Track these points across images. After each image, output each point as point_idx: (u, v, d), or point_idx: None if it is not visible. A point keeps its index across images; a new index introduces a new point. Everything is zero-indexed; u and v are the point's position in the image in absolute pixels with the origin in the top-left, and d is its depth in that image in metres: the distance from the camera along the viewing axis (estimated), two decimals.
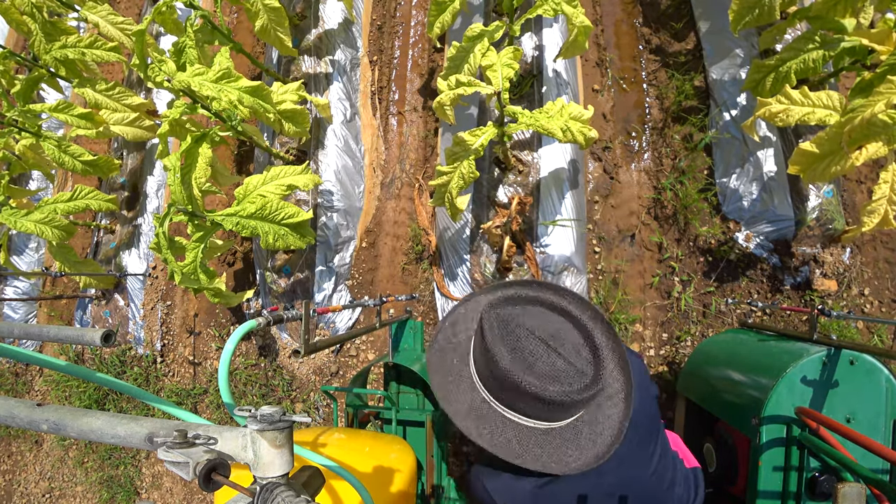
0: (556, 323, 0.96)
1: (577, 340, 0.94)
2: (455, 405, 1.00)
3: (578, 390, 0.88)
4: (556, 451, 0.96)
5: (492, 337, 0.92)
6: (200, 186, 2.01)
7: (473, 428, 0.97)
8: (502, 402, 0.96)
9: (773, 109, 1.81)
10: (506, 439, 0.96)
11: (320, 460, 1.00)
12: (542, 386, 0.87)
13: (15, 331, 0.81)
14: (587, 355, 0.93)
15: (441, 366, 1.07)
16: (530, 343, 0.91)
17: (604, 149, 2.73)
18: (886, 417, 1.34)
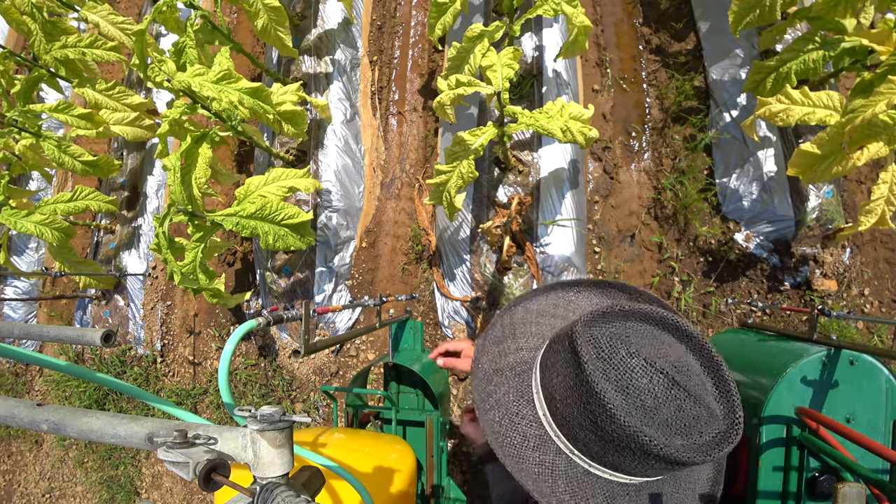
0: (672, 347, 0.72)
1: (698, 369, 0.71)
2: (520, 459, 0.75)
3: (713, 442, 0.65)
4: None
5: (595, 374, 0.67)
6: (200, 186, 2.01)
7: (549, 491, 0.73)
8: (591, 455, 0.72)
9: (773, 109, 1.81)
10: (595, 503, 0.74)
11: (320, 460, 1.00)
12: (667, 441, 0.63)
13: (15, 331, 0.81)
14: (713, 389, 0.69)
15: (492, 404, 0.81)
16: (649, 379, 0.66)
17: (604, 149, 2.73)
18: (886, 417, 1.33)
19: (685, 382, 0.66)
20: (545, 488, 0.73)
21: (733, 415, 0.67)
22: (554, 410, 0.74)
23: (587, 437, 0.70)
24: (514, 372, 0.83)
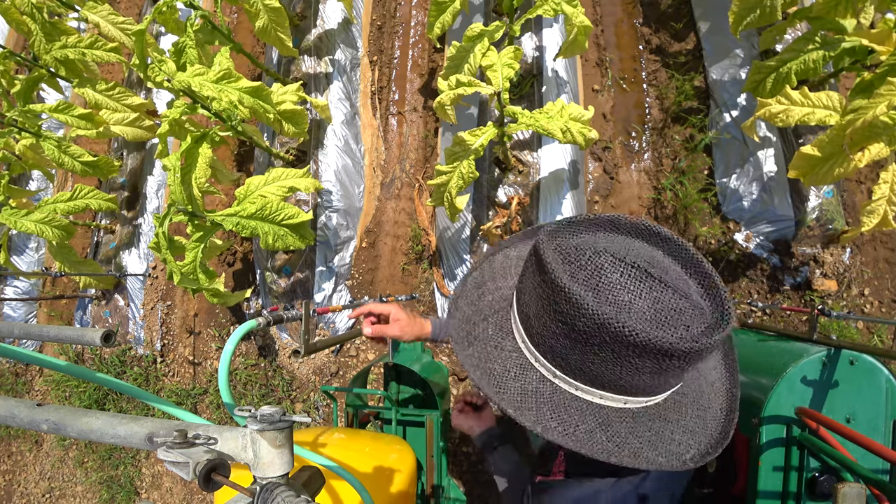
0: (647, 250, 0.66)
1: (679, 269, 0.66)
2: (500, 391, 0.71)
3: (702, 333, 0.59)
4: (659, 438, 0.68)
5: (560, 273, 0.61)
6: (200, 186, 2.01)
7: (533, 418, 0.68)
8: (574, 373, 0.67)
9: (773, 110, 1.81)
10: (586, 430, 0.67)
11: (320, 460, 1.00)
12: (653, 333, 0.57)
13: (15, 331, 0.81)
14: (697, 287, 0.65)
15: (471, 340, 0.78)
16: (620, 274, 0.61)
17: (604, 149, 2.73)
18: (886, 417, 1.33)
19: (661, 275, 0.61)
20: (529, 416, 0.68)
21: (722, 308, 0.63)
22: (531, 333, 0.70)
23: (563, 347, 0.65)
24: (492, 309, 0.81)
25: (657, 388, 0.67)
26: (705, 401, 0.74)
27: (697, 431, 0.71)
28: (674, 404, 0.71)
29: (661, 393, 0.69)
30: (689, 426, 0.71)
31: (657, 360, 0.60)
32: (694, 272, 0.66)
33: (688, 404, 0.72)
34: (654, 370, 0.61)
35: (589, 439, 0.66)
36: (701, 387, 0.75)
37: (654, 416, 0.69)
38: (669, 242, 0.68)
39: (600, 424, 0.67)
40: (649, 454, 0.67)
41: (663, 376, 0.64)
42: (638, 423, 0.69)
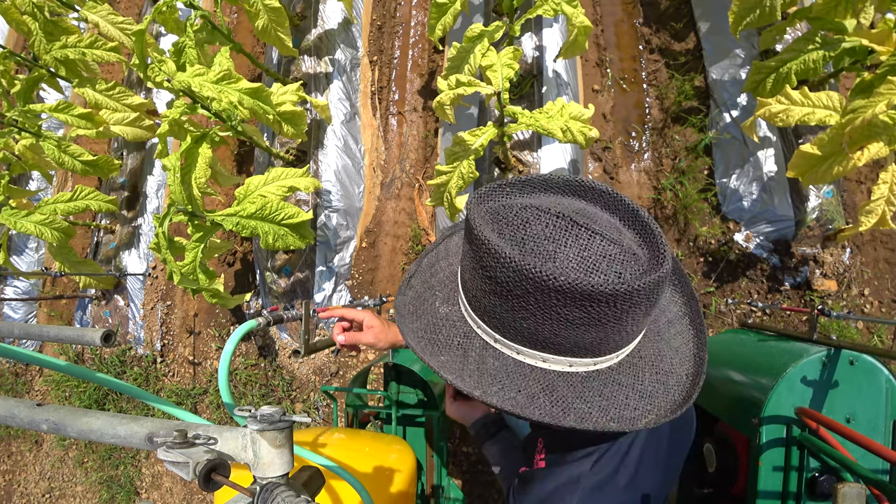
0: (580, 204, 0.65)
1: (614, 221, 0.64)
2: (441, 357, 0.70)
3: (635, 276, 0.57)
4: (610, 403, 0.66)
5: (482, 228, 0.61)
6: (200, 186, 2.01)
7: (474, 384, 0.66)
8: (512, 335, 0.65)
9: (773, 110, 1.81)
10: (528, 395, 0.65)
11: (320, 460, 1.00)
12: (578, 277, 0.55)
13: (15, 331, 0.81)
14: (631, 235, 0.63)
15: (419, 314, 0.77)
16: (545, 225, 0.59)
17: (604, 149, 2.73)
18: (886, 417, 1.34)
19: (589, 223, 0.58)
20: (470, 381, 0.66)
21: (659, 253, 0.59)
22: (469, 298, 0.69)
23: (494, 305, 0.63)
24: (443, 284, 0.80)
25: (600, 346, 0.64)
26: (666, 364, 0.71)
27: (657, 396, 0.68)
28: (629, 367, 0.69)
29: (608, 353, 0.66)
30: (646, 390, 0.68)
31: (584, 307, 0.57)
32: (632, 223, 0.64)
33: (644, 367, 0.69)
34: (585, 320, 0.58)
35: (530, 403, 0.64)
36: (661, 350, 0.72)
37: (606, 381, 0.67)
38: (605, 196, 0.66)
39: (544, 389, 0.65)
40: (598, 418, 0.64)
41: (601, 329, 0.60)
42: (587, 387, 0.66)
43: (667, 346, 0.74)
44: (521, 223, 0.61)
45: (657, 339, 0.74)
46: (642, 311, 0.61)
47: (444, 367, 0.69)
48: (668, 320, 0.78)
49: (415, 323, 0.77)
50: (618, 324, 0.60)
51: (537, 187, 0.69)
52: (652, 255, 0.61)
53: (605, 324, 0.59)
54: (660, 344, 0.73)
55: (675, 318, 0.78)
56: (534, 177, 0.69)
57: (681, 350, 0.75)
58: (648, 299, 0.59)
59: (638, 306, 0.59)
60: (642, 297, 0.57)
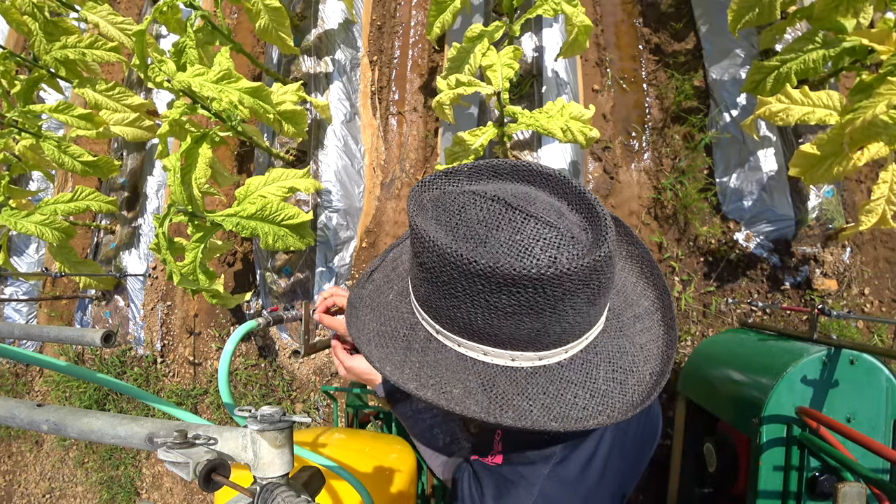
0: (523, 188, 0.62)
1: (560, 204, 0.61)
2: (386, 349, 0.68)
3: (570, 259, 0.54)
4: (556, 401, 0.62)
5: (416, 216, 0.60)
6: (200, 187, 2.01)
7: (411, 376, 0.64)
8: (451, 326, 0.62)
9: (773, 109, 1.81)
10: (466, 390, 0.62)
11: (320, 460, 1.00)
12: (505, 261, 0.53)
13: (15, 331, 0.81)
14: (576, 219, 0.59)
15: (374, 306, 0.76)
16: (479, 209, 0.57)
17: (604, 149, 2.73)
18: (886, 417, 1.34)
19: (525, 206, 0.56)
20: (409, 374, 0.64)
21: (600, 236, 0.55)
22: (414, 288, 0.68)
23: (427, 292, 0.62)
24: (401, 277, 0.79)
25: (539, 337, 0.60)
26: (626, 362, 0.66)
27: (611, 395, 0.63)
28: (581, 364, 0.64)
29: (552, 347, 0.62)
30: (599, 389, 0.63)
31: (511, 293, 0.54)
32: (578, 206, 0.60)
33: (600, 364, 0.65)
34: (516, 308, 0.55)
35: (466, 398, 0.61)
36: (622, 346, 0.68)
37: (552, 378, 0.63)
38: (552, 179, 0.62)
39: (483, 384, 0.62)
40: (539, 416, 0.60)
41: (536, 318, 0.56)
42: (531, 384, 0.62)
43: (630, 342, 0.69)
44: (457, 208, 0.58)
45: (618, 335, 0.69)
46: (582, 299, 0.56)
47: (385, 358, 0.67)
48: (636, 315, 0.73)
49: (367, 315, 0.75)
50: (554, 312, 0.56)
51: (485, 174, 0.66)
52: (595, 238, 0.57)
53: (539, 312, 0.56)
54: (621, 340, 0.69)
55: (644, 314, 0.74)
56: (482, 163, 0.66)
57: (647, 347, 0.70)
58: (588, 285, 0.55)
59: (575, 293, 0.55)
60: (577, 281, 0.54)
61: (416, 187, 0.64)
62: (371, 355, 0.68)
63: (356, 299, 0.79)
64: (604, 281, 0.57)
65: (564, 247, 0.55)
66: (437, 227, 0.59)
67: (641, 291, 0.76)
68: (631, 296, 0.75)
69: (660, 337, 0.72)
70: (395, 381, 0.65)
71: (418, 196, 0.64)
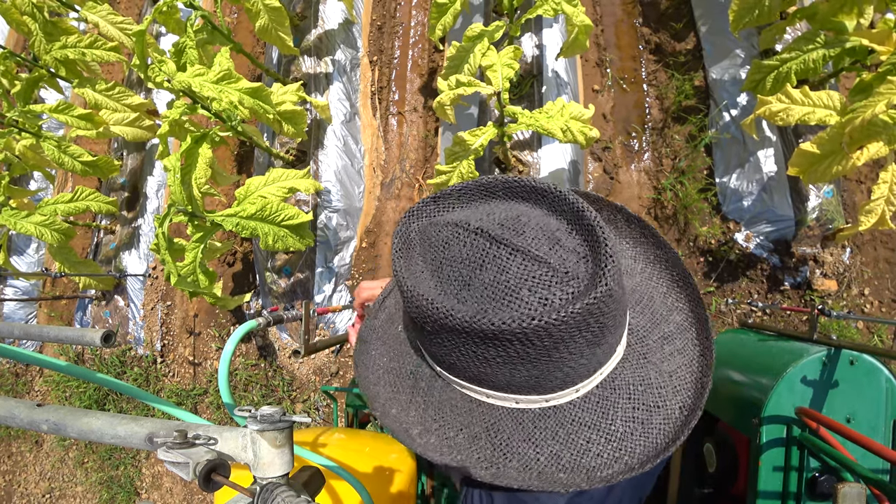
0: (516, 210, 0.54)
1: (558, 225, 0.52)
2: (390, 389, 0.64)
3: (565, 300, 0.47)
4: (566, 447, 0.55)
5: (405, 260, 0.55)
6: (200, 187, 2.01)
7: (417, 419, 0.60)
8: (450, 370, 0.58)
9: (774, 108, 1.81)
10: (470, 436, 0.56)
11: (320, 460, 1.00)
12: (485, 315, 0.47)
13: (15, 331, 0.81)
14: (574, 243, 0.51)
15: (385, 339, 0.70)
16: (462, 245, 0.51)
17: (604, 149, 2.73)
18: (886, 417, 1.33)
19: (512, 239, 0.49)
20: (414, 416, 0.60)
21: (599, 268, 0.47)
22: (407, 330, 0.66)
23: (419, 336, 0.58)
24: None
25: (539, 384, 0.53)
26: (651, 397, 0.57)
27: (631, 438, 0.55)
28: (597, 402, 0.56)
29: (557, 390, 0.54)
30: (616, 432, 0.55)
31: (496, 346, 0.49)
32: (577, 226, 0.52)
33: (618, 401, 0.56)
34: (505, 359, 0.50)
35: (470, 444, 0.55)
36: (646, 377, 0.58)
37: (563, 420, 0.55)
38: (548, 196, 0.54)
39: (487, 429, 0.56)
40: (546, 465, 0.53)
41: (531, 367, 0.51)
42: (538, 427, 0.55)
43: (656, 371, 0.59)
44: (441, 244, 0.53)
45: (642, 364, 0.59)
46: (582, 343, 0.49)
47: (392, 398, 0.62)
48: (666, 335, 0.63)
49: (378, 349, 0.70)
50: (550, 360, 0.50)
51: (476, 194, 0.59)
52: (594, 270, 0.49)
53: (532, 362, 0.50)
54: (645, 369, 0.59)
55: (675, 332, 0.63)
56: (472, 183, 0.59)
57: (677, 375, 0.60)
58: (586, 329, 0.48)
59: (571, 339, 0.49)
60: (572, 328, 0.47)
61: (404, 217, 0.59)
62: (378, 396, 0.63)
63: (367, 333, 0.73)
64: (607, 321, 0.50)
65: (557, 286, 0.48)
66: (423, 267, 0.54)
67: (672, 304, 0.66)
68: (660, 310, 0.65)
69: (694, 360, 0.61)
70: (398, 428, 0.60)
71: (405, 228, 0.58)
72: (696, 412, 0.56)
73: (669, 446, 0.54)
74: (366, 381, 0.67)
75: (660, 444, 0.55)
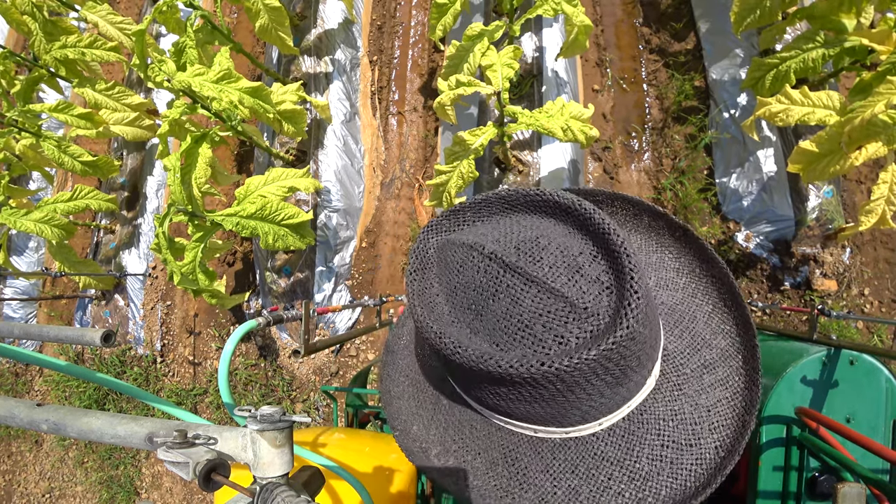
0: (537, 229, 0.50)
1: (576, 246, 0.48)
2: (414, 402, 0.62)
3: (582, 342, 0.44)
4: (584, 482, 0.51)
5: (419, 282, 0.53)
6: (200, 186, 2.01)
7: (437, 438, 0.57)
8: (469, 395, 0.55)
9: (773, 109, 1.81)
10: (488, 461, 0.53)
11: (320, 460, 1.00)
12: (485, 357, 0.44)
13: (15, 331, 0.81)
14: (597, 271, 0.46)
15: (412, 350, 0.68)
16: (476, 270, 0.48)
17: (604, 149, 2.73)
18: (886, 417, 1.33)
19: (527, 265, 0.45)
20: (434, 435, 0.57)
21: (623, 304, 0.43)
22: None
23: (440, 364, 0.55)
24: None
25: (560, 418, 0.49)
26: (683, 433, 0.52)
27: (657, 479, 0.50)
28: (622, 435, 0.51)
29: (577, 424, 0.50)
30: (641, 471, 0.50)
31: (509, 386, 0.45)
32: (602, 250, 0.47)
33: (646, 437, 0.51)
34: (519, 397, 0.47)
35: (488, 471, 0.52)
36: (679, 411, 0.53)
37: (584, 454, 0.51)
38: (570, 213, 0.49)
39: (505, 456, 0.52)
40: (563, 501, 0.50)
41: (548, 406, 0.47)
42: (557, 458, 0.51)
43: (692, 404, 0.53)
44: (456, 266, 0.50)
45: (675, 396, 0.54)
46: (604, 384, 0.46)
47: (415, 414, 0.60)
48: (707, 363, 0.56)
49: (405, 360, 0.67)
50: (567, 401, 0.47)
51: (495, 207, 0.55)
52: (617, 305, 0.44)
53: (546, 401, 0.47)
54: (679, 402, 0.53)
55: (718, 360, 0.56)
56: (492, 195, 0.55)
57: (717, 409, 0.53)
58: (605, 373, 0.44)
59: (588, 382, 0.44)
60: (588, 372, 0.43)
61: (422, 232, 0.56)
62: (400, 412, 0.61)
63: (394, 342, 0.70)
64: (630, 363, 0.45)
65: (574, 322, 0.44)
66: (438, 290, 0.51)
67: (717, 326, 0.59)
68: (702, 333, 0.58)
69: (737, 394, 0.54)
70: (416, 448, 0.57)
71: (423, 246, 0.55)
72: (734, 455, 0.50)
73: (700, 492, 0.48)
74: (388, 396, 0.64)
75: (689, 487, 0.49)
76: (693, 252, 0.63)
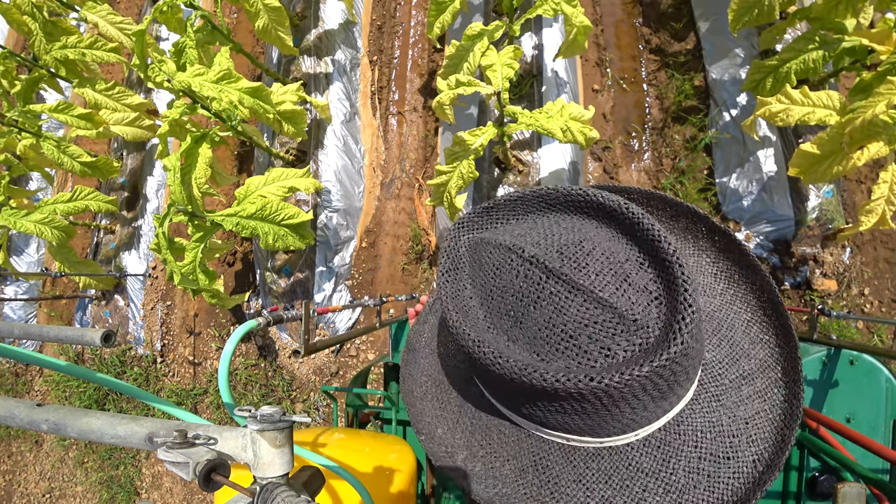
0: (579, 232, 0.47)
1: (623, 252, 0.45)
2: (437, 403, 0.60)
3: (630, 357, 0.42)
4: (618, 493, 0.49)
5: (452, 284, 0.50)
6: (200, 187, 2.01)
7: (464, 442, 0.55)
8: (500, 401, 0.53)
9: (774, 109, 1.81)
10: (517, 468, 0.52)
11: (320, 460, 1.00)
12: (529, 369, 0.42)
13: (15, 331, 0.81)
14: (646, 280, 0.44)
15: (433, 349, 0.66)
16: (515, 275, 0.45)
17: (604, 149, 2.73)
18: (886, 417, 1.34)
19: (571, 271, 0.43)
20: (461, 438, 0.55)
21: (675, 318, 0.40)
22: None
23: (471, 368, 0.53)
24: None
25: (596, 430, 0.48)
26: (720, 446, 0.49)
27: (694, 492, 0.48)
28: (658, 446, 0.49)
29: (614, 435, 0.49)
30: (677, 483, 0.48)
31: (551, 398, 0.43)
32: (651, 257, 0.44)
33: (683, 448, 0.49)
34: (558, 409, 0.45)
35: (518, 478, 0.51)
36: (717, 423, 0.50)
37: (618, 464, 0.49)
38: (616, 216, 0.46)
39: (535, 463, 0.51)
40: None
41: (586, 418, 0.46)
42: (590, 468, 0.50)
43: (730, 416, 0.51)
44: (492, 269, 0.47)
45: (714, 407, 0.51)
46: (650, 398, 0.44)
47: (438, 416, 0.58)
48: (745, 374, 0.53)
49: (427, 358, 0.65)
50: (610, 415, 0.45)
51: (533, 206, 0.52)
52: (668, 318, 0.41)
53: (588, 414, 0.45)
54: (717, 413, 0.51)
55: (756, 371, 0.53)
56: (529, 192, 0.52)
57: (755, 422, 0.51)
58: (656, 387, 0.42)
59: (635, 397, 0.43)
60: (637, 389, 0.41)
61: (453, 228, 0.53)
62: (423, 413, 0.59)
63: (415, 339, 0.67)
64: (679, 378, 0.43)
65: (622, 335, 0.42)
66: (471, 293, 0.48)
67: (756, 336, 0.56)
68: (741, 342, 0.55)
69: (776, 406, 0.52)
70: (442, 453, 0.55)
71: (454, 244, 0.52)
72: (773, 470, 0.48)
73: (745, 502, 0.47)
74: (411, 396, 0.62)
75: (726, 502, 0.48)
76: (732, 257, 0.60)
